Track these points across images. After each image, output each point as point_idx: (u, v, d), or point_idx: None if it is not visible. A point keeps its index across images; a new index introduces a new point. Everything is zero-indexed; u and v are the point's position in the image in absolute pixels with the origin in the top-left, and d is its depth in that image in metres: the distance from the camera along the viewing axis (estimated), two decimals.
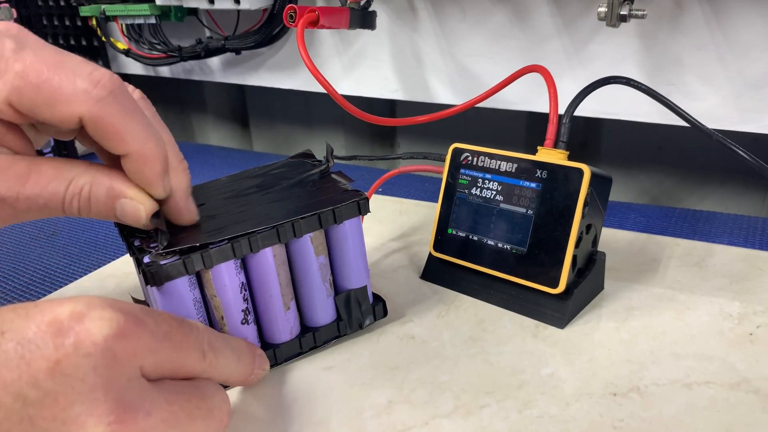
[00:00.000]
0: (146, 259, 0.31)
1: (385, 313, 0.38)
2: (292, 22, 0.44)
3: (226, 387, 0.32)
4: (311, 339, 0.36)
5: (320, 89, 0.43)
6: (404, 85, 0.64)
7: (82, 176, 0.29)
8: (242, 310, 0.33)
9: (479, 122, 0.71)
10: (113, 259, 0.51)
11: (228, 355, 0.30)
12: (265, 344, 0.35)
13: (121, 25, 0.76)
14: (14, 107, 0.27)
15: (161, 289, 0.30)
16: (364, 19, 0.51)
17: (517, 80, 0.43)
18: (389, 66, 0.64)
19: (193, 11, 0.71)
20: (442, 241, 0.42)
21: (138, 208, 0.30)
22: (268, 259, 0.33)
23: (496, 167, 0.40)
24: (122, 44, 0.78)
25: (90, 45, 0.82)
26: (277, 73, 0.71)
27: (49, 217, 0.34)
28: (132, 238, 0.33)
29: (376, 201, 0.57)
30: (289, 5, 0.44)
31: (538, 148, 0.40)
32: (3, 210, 0.29)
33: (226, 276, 0.32)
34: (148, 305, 0.37)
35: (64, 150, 0.71)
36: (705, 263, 0.44)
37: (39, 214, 0.30)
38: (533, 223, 0.38)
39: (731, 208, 0.63)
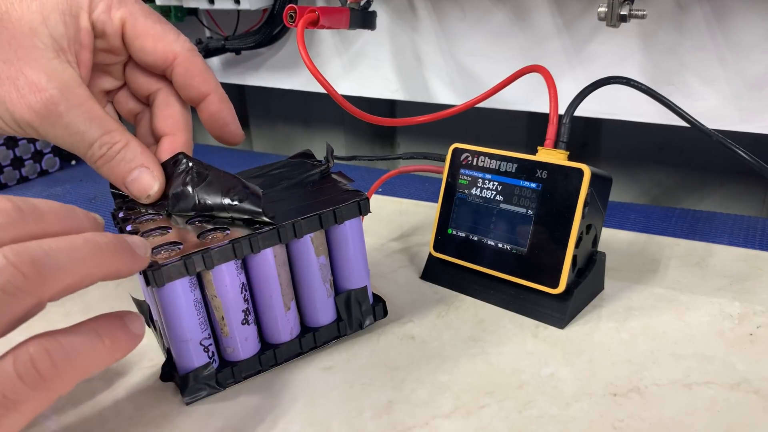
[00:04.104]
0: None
1: (385, 314, 0.38)
2: (292, 22, 0.44)
3: None
4: (311, 339, 0.36)
5: (320, 89, 0.43)
6: (404, 85, 0.64)
7: (124, 133, 0.33)
8: (243, 311, 0.33)
9: (479, 122, 0.71)
10: None
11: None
12: (266, 344, 0.35)
13: None
14: (126, 34, 0.34)
15: (162, 290, 0.30)
16: (364, 19, 0.51)
17: (517, 80, 0.43)
18: (389, 66, 0.64)
19: (193, 11, 0.71)
20: (442, 241, 0.42)
21: (155, 180, 0.34)
22: (269, 260, 0.33)
23: (496, 167, 0.40)
24: None
25: None
26: (277, 73, 0.71)
27: (70, 150, 0.34)
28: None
29: (376, 201, 0.57)
30: (289, 5, 0.44)
31: (538, 148, 0.40)
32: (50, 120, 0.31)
33: (227, 276, 0.32)
34: (149, 305, 0.37)
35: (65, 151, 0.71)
36: (705, 263, 0.44)
37: (68, 140, 0.32)
38: (533, 223, 0.38)
39: (731, 209, 0.63)
